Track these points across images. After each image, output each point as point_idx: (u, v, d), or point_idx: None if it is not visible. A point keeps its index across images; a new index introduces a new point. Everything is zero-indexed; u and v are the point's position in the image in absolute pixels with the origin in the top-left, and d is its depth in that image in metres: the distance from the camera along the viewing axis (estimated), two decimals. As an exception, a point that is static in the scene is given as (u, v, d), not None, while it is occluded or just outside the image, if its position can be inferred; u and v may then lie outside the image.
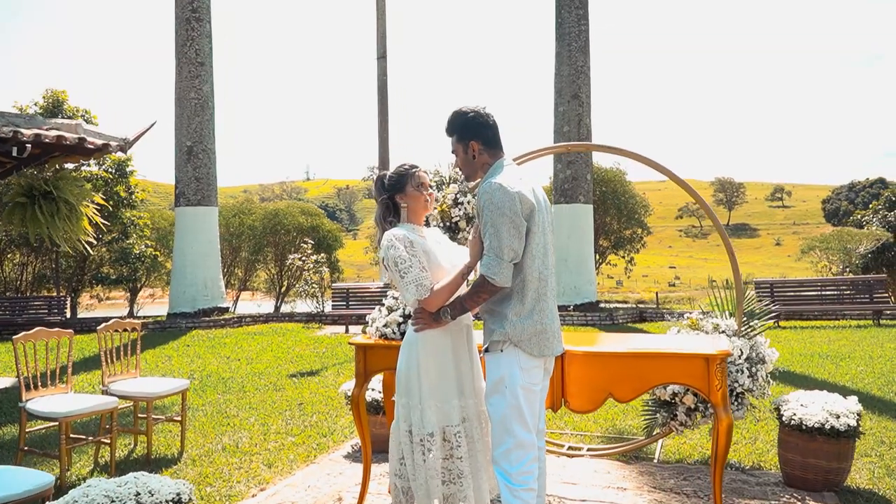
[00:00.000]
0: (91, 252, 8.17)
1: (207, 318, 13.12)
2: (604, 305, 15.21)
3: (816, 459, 3.73)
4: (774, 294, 12.22)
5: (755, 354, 4.00)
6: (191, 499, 2.50)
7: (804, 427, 3.76)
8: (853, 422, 3.71)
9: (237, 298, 17.43)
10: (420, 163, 2.98)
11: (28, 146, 5.65)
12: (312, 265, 14.80)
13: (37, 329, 4.35)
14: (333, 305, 13.50)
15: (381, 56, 14.41)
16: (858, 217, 23.99)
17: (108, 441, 4.44)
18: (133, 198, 15.20)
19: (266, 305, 17.62)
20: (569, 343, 3.24)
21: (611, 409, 5.67)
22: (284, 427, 5.44)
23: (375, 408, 4.65)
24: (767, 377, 4.00)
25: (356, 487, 3.84)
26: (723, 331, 4.15)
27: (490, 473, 2.78)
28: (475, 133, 2.78)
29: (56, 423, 4.16)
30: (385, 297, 3.81)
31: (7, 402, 6.58)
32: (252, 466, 4.43)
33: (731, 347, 3.72)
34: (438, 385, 2.76)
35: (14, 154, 5.70)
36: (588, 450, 4.55)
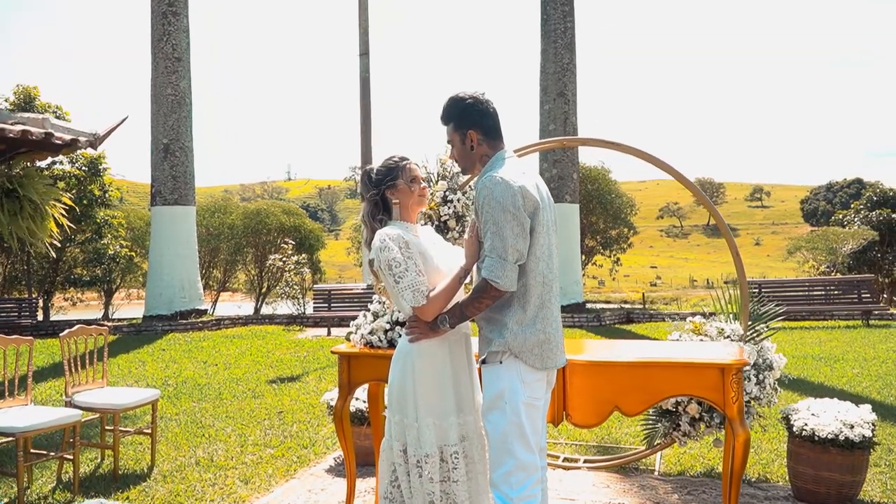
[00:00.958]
0: (54, 254, 7.77)
1: (185, 321, 12.73)
2: (590, 306, 15.04)
3: (829, 472, 3.52)
4: (762, 294, 12.09)
5: (762, 360, 3.78)
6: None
7: (816, 438, 3.55)
8: (868, 432, 3.50)
9: (216, 300, 17.01)
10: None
11: (-11, 141, 5.31)
12: (293, 266, 14.46)
13: (-8, 337, 4.01)
14: (315, 307, 13.18)
15: (364, 52, 14.12)
16: (840, 217, 24.13)
17: (72, 457, 4.11)
18: (107, 196, 14.74)
19: (246, 307, 17.23)
20: (570, 352, 2.99)
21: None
22: (263, 438, 5.15)
23: (360, 418, 4.38)
24: (775, 384, 3.79)
25: (339, 507, 3.56)
26: (727, 335, 3.93)
27: (490, 498, 2.52)
28: (474, 122, 2.52)
29: (13, 439, 3.83)
30: (370, 302, 3.54)
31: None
32: (227, 483, 4.13)
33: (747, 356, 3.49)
34: (436, 401, 2.50)
35: (-25, 149, 5.36)
36: (585, 461, 4.32)
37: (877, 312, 11.72)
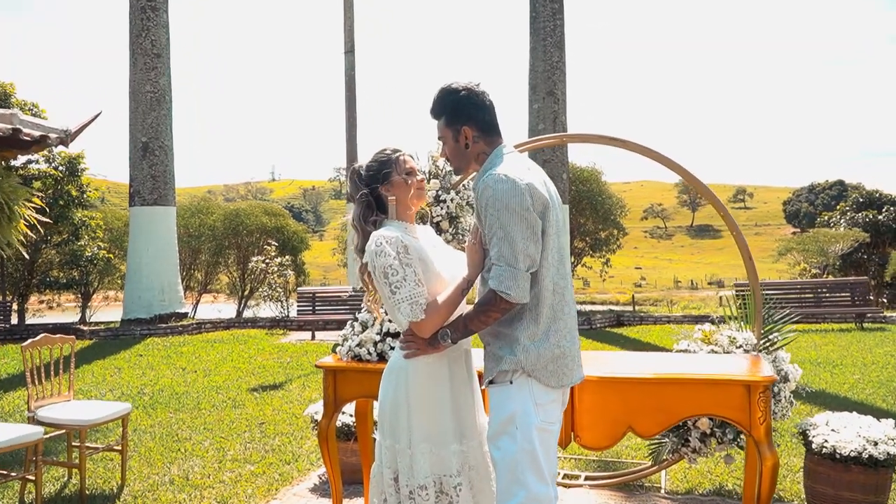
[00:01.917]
0: (27, 255, 7.40)
1: (164, 325, 12.33)
2: (579, 308, 14.82)
3: (851, 493, 3.29)
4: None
5: (777, 372, 3.55)
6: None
7: (838, 456, 3.31)
8: (893, 449, 3.27)
9: (197, 303, 16.58)
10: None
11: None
12: (276, 268, 14.10)
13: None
14: (299, 310, 12.84)
15: (349, 50, 13.83)
16: (826, 218, 24.16)
17: (34, 478, 3.79)
18: (85, 197, 14.29)
19: (228, 309, 16.84)
20: (578, 365, 2.73)
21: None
22: (243, 452, 4.84)
23: (346, 433, 4.09)
24: (790, 397, 3.56)
25: (325, 534, 3.27)
26: (740, 345, 3.69)
27: None
28: (468, 116, 2.25)
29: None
30: (358, 310, 3.26)
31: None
32: (203, 505, 3.82)
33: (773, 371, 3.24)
34: (433, 425, 2.22)
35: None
36: (586, 478, 4.06)
37: (869, 315, 11.61)
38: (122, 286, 14.02)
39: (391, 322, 2.99)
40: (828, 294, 11.99)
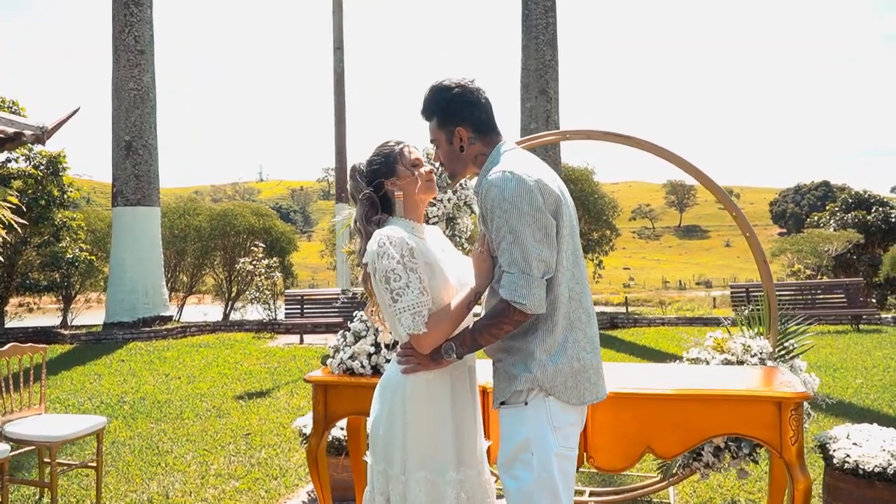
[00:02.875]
0: (2, 258, 7.10)
1: (148, 329, 12.01)
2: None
3: (876, 510, 3.09)
4: (750, 298, 11.81)
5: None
6: None
7: (861, 471, 3.12)
8: (921, 465, 3.08)
9: (182, 305, 16.23)
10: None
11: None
12: (264, 270, 13.81)
13: None
14: (287, 313, 12.56)
15: (338, 47, 13.57)
16: (816, 219, 24.16)
17: (0, 499, 3.52)
18: (66, 197, 13.92)
19: (214, 312, 16.50)
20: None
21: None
22: (227, 466, 4.59)
23: (337, 448, 3.85)
24: (808, 409, 3.36)
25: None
26: (755, 353, 3.49)
27: None
28: (462, 116, 2.04)
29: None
30: (350, 320, 3.02)
31: None
32: (183, 527, 3.57)
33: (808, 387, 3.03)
34: (431, 450, 1.99)
35: None
36: (591, 494, 3.84)
37: (864, 316, 11.50)
38: (105, 289, 13.68)
39: (390, 333, 2.76)
40: (822, 295, 11.87)
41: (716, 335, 3.71)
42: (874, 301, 17.32)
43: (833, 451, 3.26)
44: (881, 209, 21.55)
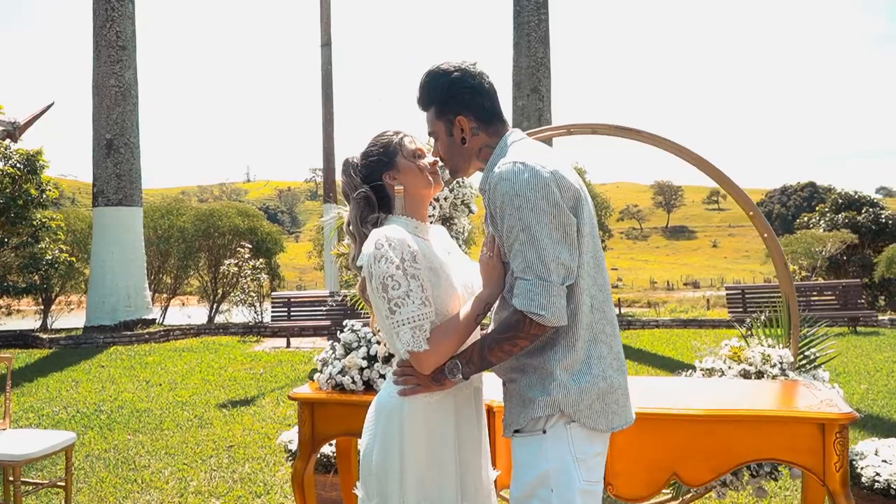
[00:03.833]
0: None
1: (129, 333, 11.66)
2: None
3: (909, 534, 2.86)
4: (746, 300, 11.64)
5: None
6: None
7: (893, 491, 2.89)
8: (958, 484, 2.85)
9: (166, 307, 15.85)
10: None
11: None
12: (250, 271, 13.48)
13: None
14: (273, 316, 12.24)
15: (326, 43, 13.27)
16: (805, 220, 24.10)
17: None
18: (45, 197, 13.51)
19: (199, 314, 16.12)
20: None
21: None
22: (208, 483, 4.30)
23: (326, 465, 3.58)
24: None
25: None
26: (775, 364, 3.26)
27: None
28: (463, 103, 1.79)
29: None
30: (340, 330, 2.75)
31: None
32: (158, 554, 3.29)
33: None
34: (432, 486, 1.73)
35: None
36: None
37: (861, 318, 11.36)
38: (86, 291, 13.30)
39: (385, 345, 2.49)
40: (817, 297, 11.72)
41: (731, 343, 3.48)
42: (862, 302, 17.28)
43: (861, 470, 3.03)
44: (871, 210, 21.51)
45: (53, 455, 4.18)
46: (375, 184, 1.83)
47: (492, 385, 2.07)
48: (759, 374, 3.25)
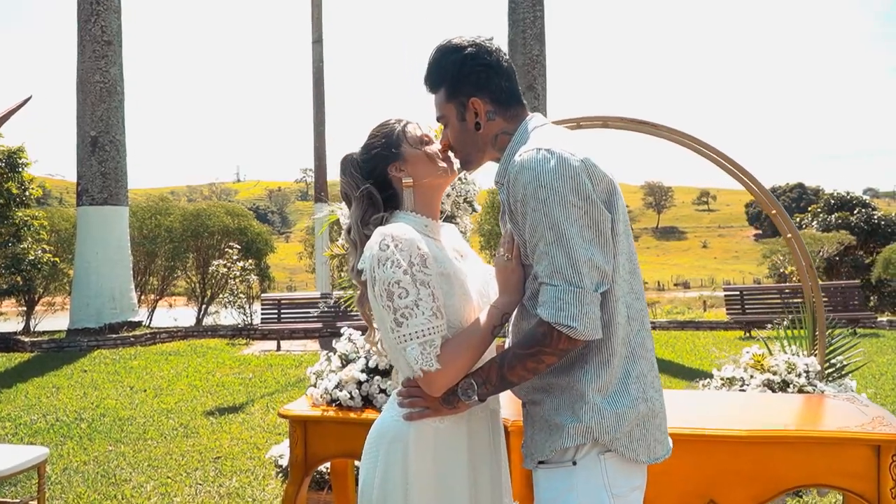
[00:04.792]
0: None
1: (114, 336, 11.34)
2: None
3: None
4: (745, 302, 11.48)
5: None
6: None
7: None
8: None
9: (153, 309, 15.50)
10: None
11: None
12: (239, 272, 13.19)
13: None
14: (263, 318, 11.95)
15: (317, 40, 13.01)
16: (798, 220, 24.07)
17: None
18: (27, 195, 13.17)
19: (187, 315, 15.79)
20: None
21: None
22: (193, 498, 4.05)
23: (319, 482, 3.34)
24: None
25: None
26: (801, 373, 3.05)
27: None
28: (478, 82, 1.56)
29: None
30: (336, 340, 2.51)
31: None
32: (136, 580, 3.03)
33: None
34: None
35: None
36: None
37: (860, 320, 11.22)
38: (70, 293, 12.97)
39: (385, 357, 2.25)
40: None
41: (754, 350, 3.28)
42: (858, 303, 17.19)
43: None
44: (864, 210, 21.48)
45: (25, 472, 3.92)
46: (380, 180, 1.60)
47: (507, 403, 1.84)
48: (784, 384, 3.05)
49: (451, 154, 1.65)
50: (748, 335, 10.82)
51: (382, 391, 2.20)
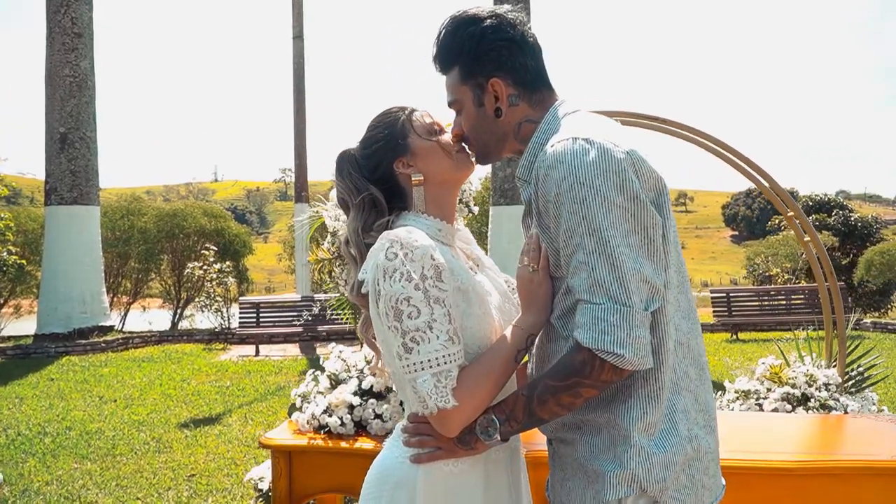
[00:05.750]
0: None
1: (84, 341, 10.89)
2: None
3: None
4: (731, 304, 11.39)
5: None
6: None
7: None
8: None
9: (126, 313, 15.01)
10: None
11: None
12: (216, 275, 12.80)
13: None
14: (241, 321, 11.59)
15: (298, 35, 12.68)
16: (777, 222, 24.21)
17: None
18: (-7, 195, 12.70)
19: (162, 318, 15.33)
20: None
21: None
22: (164, 522, 3.75)
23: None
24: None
25: None
26: (820, 386, 2.85)
27: None
28: (499, 60, 1.30)
29: None
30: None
31: None
32: None
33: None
34: None
35: None
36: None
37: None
38: (38, 296, 12.49)
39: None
40: (803, 300, 11.54)
41: (770, 361, 3.07)
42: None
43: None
44: (841, 212, 21.65)
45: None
46: (384, 179, 1.35)
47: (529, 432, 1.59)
48: (806, 398, 2.85)
49: (465, 146, 1.41)
50: (735, 337, 10.72)
51: (378, 416, 1.94)
